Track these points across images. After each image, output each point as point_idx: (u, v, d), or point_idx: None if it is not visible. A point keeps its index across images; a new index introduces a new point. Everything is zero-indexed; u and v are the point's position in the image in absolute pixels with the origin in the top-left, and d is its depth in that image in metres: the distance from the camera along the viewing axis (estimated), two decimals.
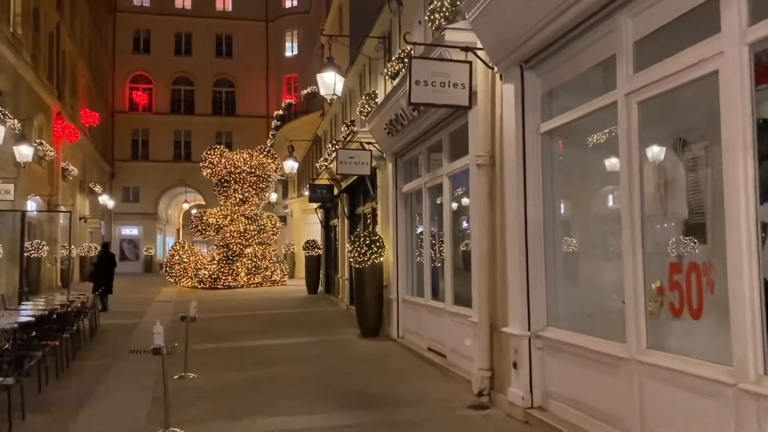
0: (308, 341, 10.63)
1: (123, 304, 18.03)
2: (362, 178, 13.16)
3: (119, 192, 43.23)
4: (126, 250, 45.02)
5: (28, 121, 19.95)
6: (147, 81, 44.72)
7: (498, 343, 6.37)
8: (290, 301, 18.64)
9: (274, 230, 26.05)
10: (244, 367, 8.48)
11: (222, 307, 16.87)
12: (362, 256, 10.70)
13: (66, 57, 27.24)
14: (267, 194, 26.62)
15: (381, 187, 11.54)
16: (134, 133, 44.26)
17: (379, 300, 10.94)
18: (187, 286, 25.06)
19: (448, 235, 8.37)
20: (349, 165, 11.20)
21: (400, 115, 8.92)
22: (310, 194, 16.47)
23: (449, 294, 8.30)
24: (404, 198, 10.64)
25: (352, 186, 14.64)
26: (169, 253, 26.12)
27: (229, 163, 25.31)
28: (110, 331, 12.36)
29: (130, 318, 14.33)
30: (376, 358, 9.03)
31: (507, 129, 6.11)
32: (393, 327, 10.61)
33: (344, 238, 15.89)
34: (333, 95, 10.19)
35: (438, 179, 8.75)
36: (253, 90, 45.53)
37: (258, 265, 24.92)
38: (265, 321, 13.73)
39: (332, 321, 13.49)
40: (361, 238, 10.77)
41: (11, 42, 18.38)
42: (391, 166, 10.79)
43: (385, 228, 11.26)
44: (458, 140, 8.16)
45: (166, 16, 44.29)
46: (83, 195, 31.89)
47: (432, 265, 9.32)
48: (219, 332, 12.06)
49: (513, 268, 5.93)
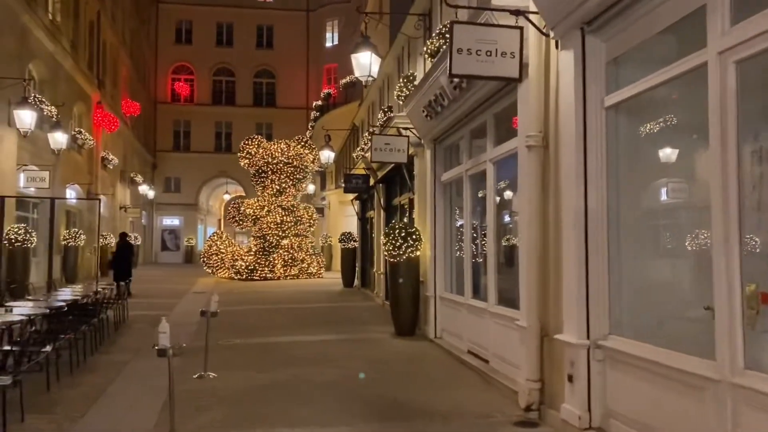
0: (338, 339, 9.96)
1: (157, 295, 17.79)
2: (399, 167, 12.39)
3: (161, 182, 43.58)
4: (167, 240, 45.45)
5: (66, 108, 19.91)
6: (189, 72, 44.91)
7: (549, 352, 5.53)
8: (325, 294, 18.07)
9: (311, 222, 25.55)
10: (267, 367, 7.86)
11: (255, 299, 16.41)
12: (397, 249, 9.96)
13: (107, 47, 27.29)
14: (304, 185, 26.15)
15: (418, 175, 10.76)
16: (176, 124, 44.54)
17: (415, 297, 10.19)
18: (224, 277, 24.83)
19: (492, 227, 7.54)
20: (385, 152, 10.46)
21: (440, 95, 8.12)
22: (345, 184, 15.81)
23: (492, 293, 7.48)
24: (443, 187, 9.84)
25: (389, 176, 13.90)
26: (207, 243, 25.94)
27: (267, 153, 24.90)
28: (137, 322, 11.97)
29: (160, 309, 13.97)
30: (409, 361, 8.29)
31: (564, 104, 5.26)
32: (430, 326, 9.85)
33: (380, 231, 15.18)
34: (368, 77, 9.46)
35: (481, 166, 7.92)
36: (294, 81, 45.23)
37: (294, 256, 24.48)
38: (296, 315, 13.15)
39: (366, 317, 12.81)
40: (397, 230, 10.02)
41: (49, 29, 18.26)
42: (430, 153, 10.00)
43: (422, 220, 10.49)
44: (504, 121, 7.32)
45: (208, 6, 44.30)
46: (124, 185, 32.09)
47: (473, 260, 8.51)
48: (249, 326, 11.53)
49: (569, 266, 5.08)
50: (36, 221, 19.29)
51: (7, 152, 15.00)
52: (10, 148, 15.21)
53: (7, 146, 15.03)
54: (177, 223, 45.29)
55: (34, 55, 17.30)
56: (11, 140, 15.26)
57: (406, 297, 10.14)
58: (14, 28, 15.43)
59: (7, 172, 15.06)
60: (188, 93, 44.85)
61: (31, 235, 14.88)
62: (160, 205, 43.80)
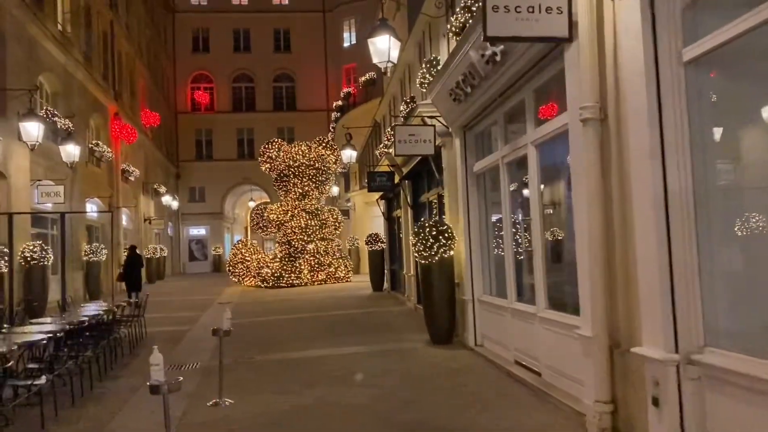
0: (369, 351, 9.06)
1: (180, 307, 17.16)
2: (425, 161, 11.46)
3: (185, 192, 43.38)
4: (194, 250, 45.23)
5: (81, 121, 19.45)
6: (208, 80, 44.64)
7: (623, 367, 4.56)
8: (353, 300, 17.21)
9: (337, 224, 24.76)
10: (289, 389, 7.00)
11: (281, 308, 15.64)
12: (428, 250, 9.04)
13: (122, 57, 26.91)
14: (327, 187, 25.36)
15: (447, 168, 9.82)
16: (197, 133, 44.30)
17: (451, 301, 9.25)
18: (251, 285, 24.20)
19: (537, 220, 6.57)
20: (410, 144, 9.54)
21: (469, 74, 7.17)
22: (369, 183, 14.92)
23: (541, 296, 6.51)
24: (476, 179, 8.89)
25: (415, 171, 12.98)
26: (232, 251, 25.37)
27: (288, 156, 24.19)
28: (156, 340, 11.24)
29: (182, 324, 13.30)
30: (448, 375, 7.35)
31: (628, 64, 4.29)
32: (469, 333, 8.90)
33: (408, 230, 14.27)
34: (387, 62, 8.58)
35: (520, 151, 6.96)
36: (313, 83, 44.65)
37: (321, 261, 23.71)
38: (323, 324, 12.31)
39: (397, 324, 11.90)
40: (427, 229, 9.10)
41: (59, 40, 17.79)
42: (459, 142, 9.06)
43: (454, 216, 9.55)
44: (547, 97, 6.36)
45: (224, 13, 44.00)
46: (147, 196, 31.75)
47: (515, 258, 7.54)
48: (272, 339, 10.73)
49: (646, 262, 4.11)
50: (55, 237, 18.85)
51: (19, 167, 14.49)
52: (21, 163, 14.70)
53: (19, 161, 14.52)
54: (203, 233, 45.05)
55: (44, 67, 16.82)
56: (23, 155, 14.75)
57: (441, 301, 9.21)
58: (21, 40, 14.94)
59: (20, 188, 14.55)
60: (208, 101, 44.58)
61: (47, 252, 14.34)
62: (186, 216, 43.61)
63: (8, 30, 14.12)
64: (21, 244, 14.21)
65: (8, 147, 13.54)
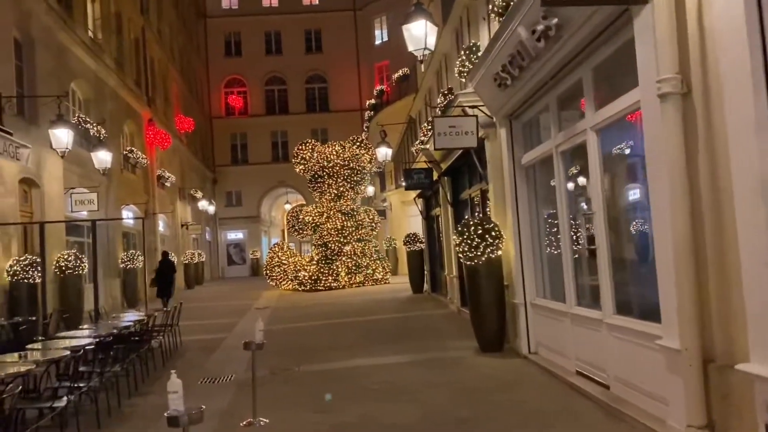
0: (413, 360, 8.44)
1: (216, 314, 16.86)
2: (467, 155, 10.79)
3: (222, 197, 43.53)
4: (233, 254, 45.36)
5: (115, 127, 19.35)
6: (241, 84, 44.71)
7: (722, 387, 3.83)
8: (392, 303, 16.61)
9: (373, 225, 24.20)
10: (329, 405, 6.44)
11: (318, 313, 15.15)
12: (474, 250, 8.36)
13: (154, 63, 26.92)
14: (363, 187, 24.80)
15: (492, 161, 9.11)
16: (232, 138, 44.42)
17: (500, 305, 8.54)
18: (288, 289, 23.85)
19: (601, 213, 5.84)
20: (450, 137, 8.87)
21: (518, 54, 6.48)
22: (405, 181, 14.28)
23: (608, 299, 5.78)
24: (525, 172, 8.18)
25: (455, 167, 12.30)
26: (268, 255, 25.07)
27: (322, 157, 23.74)
28: (190, 350, 10.87)
29: (218, 331, 12.91)
30: (504, 388, 6.67)
31: (722, 21, 3.56)
32: (521, 339, 8.19)
33: (449, 230, 13.59)
34: (424, 50, 7.93)
35: (578, 137, 6.23)
36: (345, 83, 44.31)
37: (358, 263, 23.18)
38: (363, 330, 11.74)
39: (441, 329, 11.24)
40: (472, 227, 8.42)
41: (90, 47, 17.69)
42: (505, 133, 8.35)
43: (500, 213, 8.84)
44: (610, 74, 5.64)
45: (255, 16, 44.00)
46: (184, 202, 31.80)
47: (574, 257, 6.81)
48: (309, 347, 10.21)
49: (754, 264, 3.38)
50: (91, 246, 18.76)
51: (52, 175, 14.34)
52: (55, 171, 14.55)
53: (52, 169, 14.37)
54: (241, 237, 45.14)
55: (75, 74, 16.71)
56: (56, 163, 14.59)
57: (490, 305, 8.51)
58: (50, 47, 14.80)
59: (53, 197, 14.41)
60: (242, 105, 44.67)
61: (82, 260, 14.15)
62: (223, 220, 43.76)
63: (37, 37, 13.98)
64: (56, 253, 14.05)
65: (41, 155, 13.38)
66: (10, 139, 10.40)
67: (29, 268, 11.60)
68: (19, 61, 13.57)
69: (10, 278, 11.58)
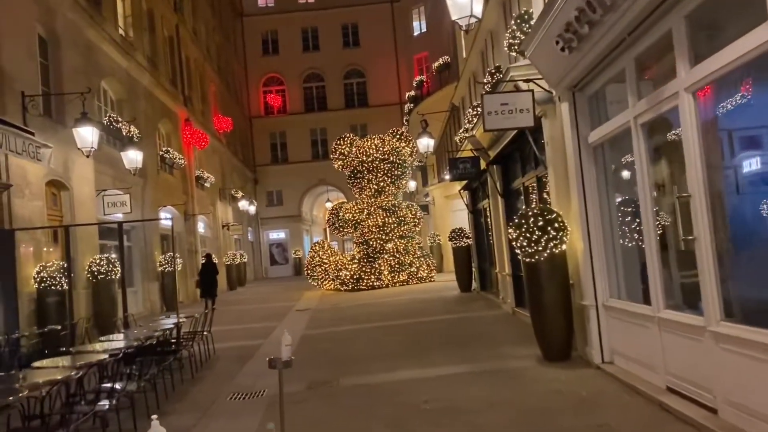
0: (467, 372, 7.40)
1: (255, 317, 16.16)
2: (519, 139, 9.68)
3: (263, 197, 43.27)
4: (275, 254, 45.06)
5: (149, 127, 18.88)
6: (279, 83, 44.32)
7: None
8: (439, 303, 15.56)
9: (416, 221, 23.16)
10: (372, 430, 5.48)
11: (361, 315, 14.24)
12: (534, 244, 7.26)
13: (190, 62, 26.52)
14: (404, 182, 23.75)
15: (551, 142, 7.98)
16: (272, 137, 44.10)
17: (566, 306, 7.42)
18: (330, 289, 23.07)
19: (701, 195, 4.68)
20: (502, 117, 7.77)
21: (588, 6, 5.36)
22: (450, 171, 13.20)
23: (714, 302, 4.62)
24: (592, 152, 7.03)
25: (505, 153, 11.17)
26: (309, 254, 24.32)
27: (361, 151, 22.83)
28: (224, 358, 10.10)
29: (255, 337, 12.14)
30: (579, 409, 5.57)
31: None
32: (593, 347, 7.05)
33: (499, 223, 12.47)
34: (470, 18, 6.94)
35: (665, 103, 5.09)
36: (384, 77, 43.44)
37: (401, 261, 22.19)
38: (409, 335, 10.75)
39: (496, 333, 10.14)
40: (531, 218, 7.32)
41: (120, 44, 17.22)
42: (567, 108, 7.22)
43: (563, 201, 7.71)
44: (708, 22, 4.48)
45: (291, 13, 43.55)
46: (225, 203, 31.44)
47: (659, 250, 5.65)
48: (350, 355, 9.28)
49: None
50: (129, 249, 18.36)
51: (82, 177, 13.85)
52: (85, 173, 14.06)
53: (82, 170, 13.88)
54: (283, 236, 44.80)
55: (105, 72, 16.24)
56: (86, 164, 14.10)
57: (553, 307, 7.40)
58: (78, 44, 14.31)
59: (84, 199, 13.91)
60: (280, 104, 44.27)
61: (115, 265, 13.61)
62: (265, 220, 43.50)
63: (62, 34, 13.48)
64: (88, 257, 13.55)
65: (69, 156, 12.86)
66: (30, 138, 9.82)
67: (57, 275, 11.04)
68: (44, 59, 13.09)
69: (38, 285, 11.05)
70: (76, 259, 13.31)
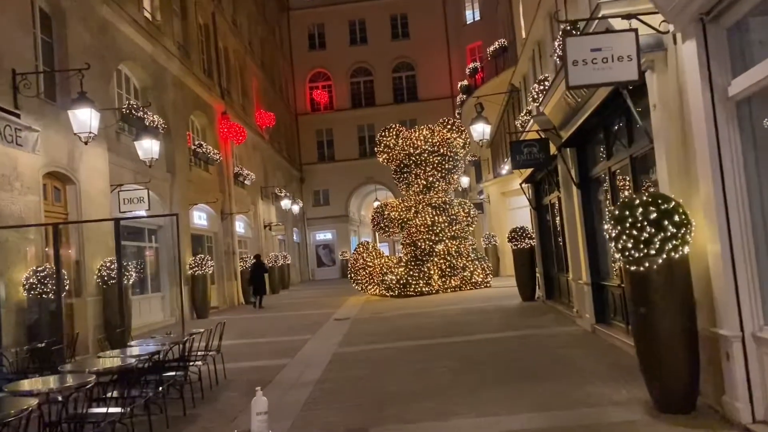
0: (545, 429, 5.24)
1: (287, 328, 14.36)
2: (608, 107, 7.45)
3: (309, 196, 41.88)
4: (322, 255, 43.58)
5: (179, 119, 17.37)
6: (326, 78, 42.83)
7: None
8: (498, 314, 13.33)
9: (469, 220, 20.93)
10: None
11: (405, 328, 12.20)
12: (643, 246, 5.05)
13: (229, 54, 25.11)
14: (455, 177, 21.52)
15: (662, 104, 5.74)
16: (318, 134, 42.68)
17: (690, 335, 5.17)
18: (375, 294, 21.10)
19: None
20: (592, 68, 5.57)
21: None
22: (512, 158, 10.95)
23: None
24: (734, 110, 4.79)
25: (582, 131, 8.90)
26: (352, 256, 22.37)
27: (407, 143, 20.76)
28: (234, 385, 8.25)
29: (280, 354, 10.27)
30: None
31: None
32: (737, 398, 4.79)
33: (574, 220, 10.18)
34: None
35: None
36: (435, 69, 41.37)
37: (453, 264, 20.00)
38: (461, 360, 8.60)
39: (575, 360, 7.89)
40: (638, 208, 5.11)
41: (145, 27, 15.76)
42: (694, 48, 4.97)
43: (681, 186, 5.47)
44: None
45: (338, 5, 41.97)
46: (267, 201, 29.98)
47: None
48: (388, 390, 7.18)
49: None
50: (157, 251, 16.92)
51: (93, 169, 12.35)
52: (97, 164, 12.56)
53: (93, 161, 12.38)
54: (330, 237, 43.27)
55: (124, 55, 14.76)
56: (98, 155, 12.62)
57: (671, 336, 5.16)
58: (88, 21, 12.84)
59: (95, 194, 12.40)
60: (327, 100, 42.75)
61: (128, 269, 12.05)
62: (311, 220, 42.08)
63: (69, 8, 11.99)
64: (99, 260, 12.02)
65: (76, 145, 11.32)
66: (7, 119, 8.22)
67: (47, 280, 9.45)
68: (48, 36, 11.63)
69: (27, 293, 9.50)
70: (83, 262, 11.81)
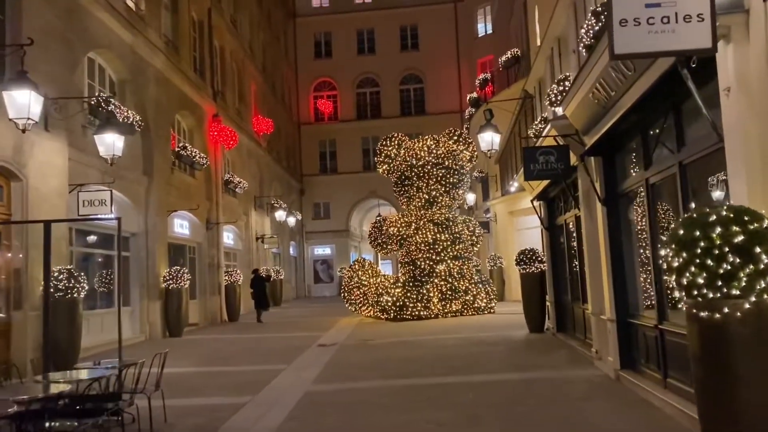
0: None
1: (262, 352, 12.76)
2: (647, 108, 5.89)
3: (309, 209, 40.39)
4: (320, 271, 41.98)
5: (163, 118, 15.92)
6: (331, 87, 41.57)
7: None
8: (502, 348, 11.65)
9: (474, 239, 19.31)
10: None
11: (397, 360, 10.57)
12: (722, 284, 3.46)
13: (225, 54, 23.77)
14: (461, 192, 19.94)
15: (741, 85, 4.17)
16: (321, 145, 41.32)
17: None
18: (369, 316, 19.43)
19: None
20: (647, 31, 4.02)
21: None
22: (525, 167, 9.35)
23: None
24: None
25: (616, 134, 7.32)
26: (347, 273, 20.69)
27: (410, 154, 19.25)
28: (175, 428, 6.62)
29: (239, 390, 8.58)
30: None
31: None
32: None
33: (597, 242, 8.56)
34: None
35: None
36: (444, 82, 40.05)
37: (455, 286, 18.35)
38: (458, 413, 6.96)
39: (597, 420, 6.22)
40: (716, 226, 3.52)
41: (124, 15, 14.38)
42: None
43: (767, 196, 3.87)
44: None
45: (346, 13, 40.86)
46: (261, 212, 28.46)
47: None
48: None
49: None
50: (126, 260, 15.35)
51: (46, 165, 10.86)
52: (52, 160, 11.07)
53: (47, 156, 10.90)
54: (329, 252, 41.70)
55: (96, 42, 13.35)
56: (53, 149, 11.13)
57: (757, 409, 3.54)
58: (55, 2, 11.44)
59: (47, 194, 10.89)
60: (331, 110, 41.42)
61: (79, 281, 10.51)
62: (310, 234, 40.54)
63: None
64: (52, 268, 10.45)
65: (27, 136, 9.82)
66: None
67: None
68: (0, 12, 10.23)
69: None
70: (24, 271, 10.27)
